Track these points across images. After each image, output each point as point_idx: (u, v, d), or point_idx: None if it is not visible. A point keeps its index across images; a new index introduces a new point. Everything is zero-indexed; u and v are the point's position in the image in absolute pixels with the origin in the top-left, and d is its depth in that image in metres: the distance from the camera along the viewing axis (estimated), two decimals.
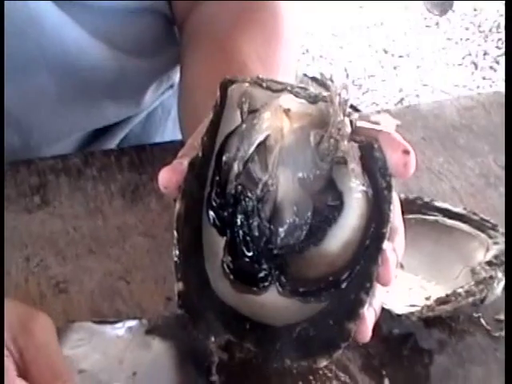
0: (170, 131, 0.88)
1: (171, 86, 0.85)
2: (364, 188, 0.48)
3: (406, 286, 0.58)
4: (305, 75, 1.88)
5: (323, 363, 0.47)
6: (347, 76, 0.52)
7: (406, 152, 0.47)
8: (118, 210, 0.65)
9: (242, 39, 0.67)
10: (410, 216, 0.62)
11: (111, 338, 0.52)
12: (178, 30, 0.77)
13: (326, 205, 0.49)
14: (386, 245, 0.47)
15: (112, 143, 0.83)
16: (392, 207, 0.47)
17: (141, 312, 0.56)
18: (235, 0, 0.70)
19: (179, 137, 0.71)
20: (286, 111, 0.49)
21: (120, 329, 0.52)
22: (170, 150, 0.69)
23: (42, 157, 0.71)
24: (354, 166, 0.48)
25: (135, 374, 0.49)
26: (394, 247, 0.47)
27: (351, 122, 0.48)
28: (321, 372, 0.52)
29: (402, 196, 0.64)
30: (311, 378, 0.52)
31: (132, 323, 0.52)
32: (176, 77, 0.82)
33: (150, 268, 0.60)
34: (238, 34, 0.68)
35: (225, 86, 0.50)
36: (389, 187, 0.47)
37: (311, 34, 2.58)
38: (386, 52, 2.54)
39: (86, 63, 0.72)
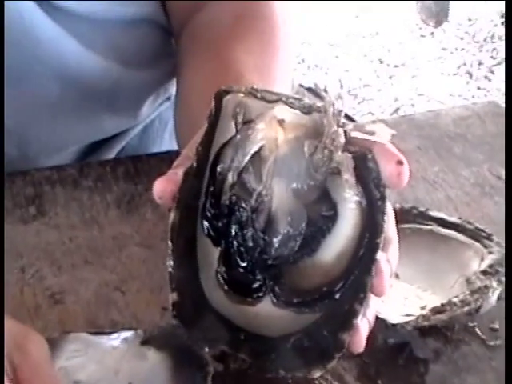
0: (167, 143, 0.88)
1: (168, 98, 0.85)
2: (358, 198, 0.48)
3: (401, 296, 0.58)
4: (300, 85, 1.89)
5: (317, 374, 0.47)
6: (341, 86, 0.53)
7: (400, 163, 0.47)
8: (114, 221, 0.65)
9: (239, 48, 0.67)
10: (405, 225, 0.62)
11: (107, 349, 0.51)
12: (175, 40, 0.77)
13: (320, 215, 0.49)
14: (379, 255, 0.47)
15: (109, 155, 0.83)
16: (386, 218, 0.47)
17: (136, 322, 0.56)
18: (232, 9, 0.71)
19: (176, 148, 0.71)
20: (281, 122, 0.49)
21: (116, 340, 0.52)
22: (165, 160, 0.70)
23: (38, 168, 0.71)
24: (348, 176, 0.48)
25: None
26: (388, 258, 0.48)
27: (345, 132, 0.48)
28: (316, 382, 0.52)
29: (397, 205, 0.64)
30: None
31: (128, 334, 0.52)
32: (173, 89, 0.82)
33: (146, 278, 0.60)
34: (234, 44, 0.68)
35: (219, 97, 0.50)
36: (382, 198, 0.47)
37: (307, 44, 2.59)
38: (381, 62, 2.55)
39: (83, 75, 0.72)
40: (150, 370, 0.50)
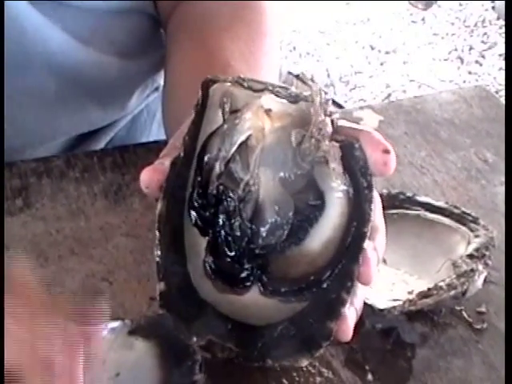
0: (154, 134, 0.88)
1: (156, 89, 0.84)
2: (345, 187, 0.48)
3: (388, 281, 0.58)
4: (289, 73, 1.88)
5: (305, 362, 0.47)
6: (328, 75, 0.52)
7: (386, 151, 0.47)
8: (101, 211, 0.65)
9: (227, 37, 0.67)
10: (393, 211, 0.63)
11: None
12: (163, 29, 0.77)
13: (307, 204, 0.49)
14: (366, 244, 0.47)
15: (97, 147, 0.83)
16: (373, 206, 0.47)
17: (124, 312, 0.56)
18: None
19: (164, 138, 0.70)
20: (267, 111, 0.49)
21: (103, 330, 0.52)
22: (153, 150, 0.69)
23: (24, 159, 0.71)
24: (335, 165, 0.48)
25: (118, 375, 0.49)
26: (375, 246, 0.47)
27: (332, 121, 0.48)
28: (304, 368, 0.52)
29: (385, 191, 0.64)
30: (295, 374, 0.52)
31: (115, 324, 0.52)
32: (161, 79, 0.81)
33: (133, 268, 0.60)
34: (222, 33, 0.67)
35: (206, 86, 0.50)
36: (369, 186, 0.47)
37: (298, 32, 2.59)
38: (372, 48, 2.55)
39: (70, 67, 0.71)
40: (137, 359, 0.50)
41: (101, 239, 0.62)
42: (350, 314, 0.47)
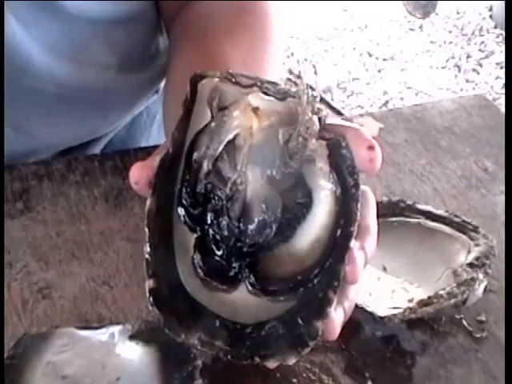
0: (154, 136, 0.88)
1: (156, 91, 0.84)
2: (332, 186, 0.48)
3: (388, 289, 0.58)
4: (288, 79, 1.89)
5: (292, 361, 0.47)
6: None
7: (371, 148, 0.47)
8: (101, 215, 0.65)
9: (229, 44, 0.66)
10: (393, 219, 0.63)
11: (94, 344, 0.51)
12: (166, 33, 0.77)
13: (295, 202, 0.49)
14: (353, 243, 0.46)
15: (97, 149, 0.83)
16: (359, 206, 0.47)
17: (124, 317, 0.56)
18: (225, 3, 0.70)
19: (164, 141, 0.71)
20: (255, 109, 0.49)
21: (103, 334, 0.52)
22: None
23: (25, 162, 0.71)
24: (322, 164, 0.48)
25: (118, 379, 0.49)
26: (364, 246, 0.47)
27: (320, 119, 0.48)
28: (304, 375, 0.52)
29: (385, 198, 0.64)
30: (295, 380, 0.52)
31: (115, 328, 0.52)
32: (161, 83, 0.81)
33: (134, 272, 0.60)
34: (224, 39, 0.67)
35: (195, 81, 0.49)
36: (356, 185, 0.47)
37: (296, 38, 2.59)
38: (370, 55, 2.55)
39: (73, 83, 0.71)
40: (137, 364, 0.50)
41: (101, 243, 0.62)
42: (338, 314, 0.47)
